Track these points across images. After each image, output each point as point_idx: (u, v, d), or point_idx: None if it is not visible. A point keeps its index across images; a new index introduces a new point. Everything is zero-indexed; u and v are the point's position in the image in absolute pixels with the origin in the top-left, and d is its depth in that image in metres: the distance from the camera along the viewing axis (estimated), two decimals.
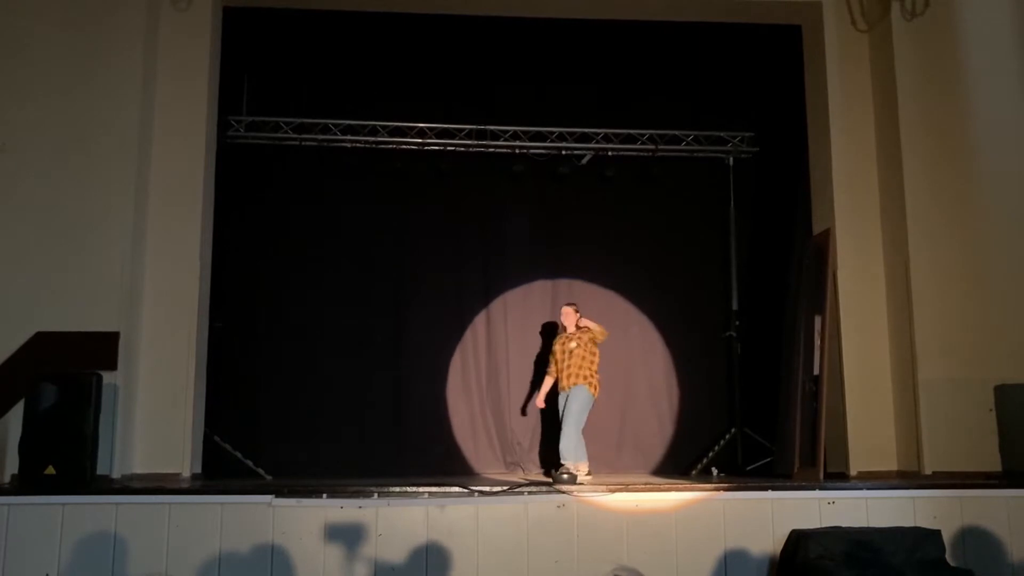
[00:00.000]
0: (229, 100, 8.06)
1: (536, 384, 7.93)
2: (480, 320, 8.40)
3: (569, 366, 7.04)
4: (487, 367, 8.34)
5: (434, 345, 8.28)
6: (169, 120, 7.47)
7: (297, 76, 8.34)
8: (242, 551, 5.41)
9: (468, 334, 8.36)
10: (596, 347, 7.09)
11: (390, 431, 8.02)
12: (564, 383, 7.07)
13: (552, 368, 7.28)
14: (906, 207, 7.48)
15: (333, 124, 8.24)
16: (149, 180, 7.37)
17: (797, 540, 5.55)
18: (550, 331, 8.15)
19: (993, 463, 6.60)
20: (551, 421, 8.03)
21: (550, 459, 7.92)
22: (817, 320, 7.25)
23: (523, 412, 8.20)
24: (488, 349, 8.36)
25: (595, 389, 6.99)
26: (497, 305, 8.42)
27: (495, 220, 8.49)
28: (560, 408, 7.06)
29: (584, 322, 7.16)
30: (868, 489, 5.95)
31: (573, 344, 7.09)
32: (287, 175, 8.28)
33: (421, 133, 8.36)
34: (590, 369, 7.02)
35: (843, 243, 7.70)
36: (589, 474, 6.81)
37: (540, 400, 7.37)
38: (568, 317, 7.24)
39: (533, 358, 8.30)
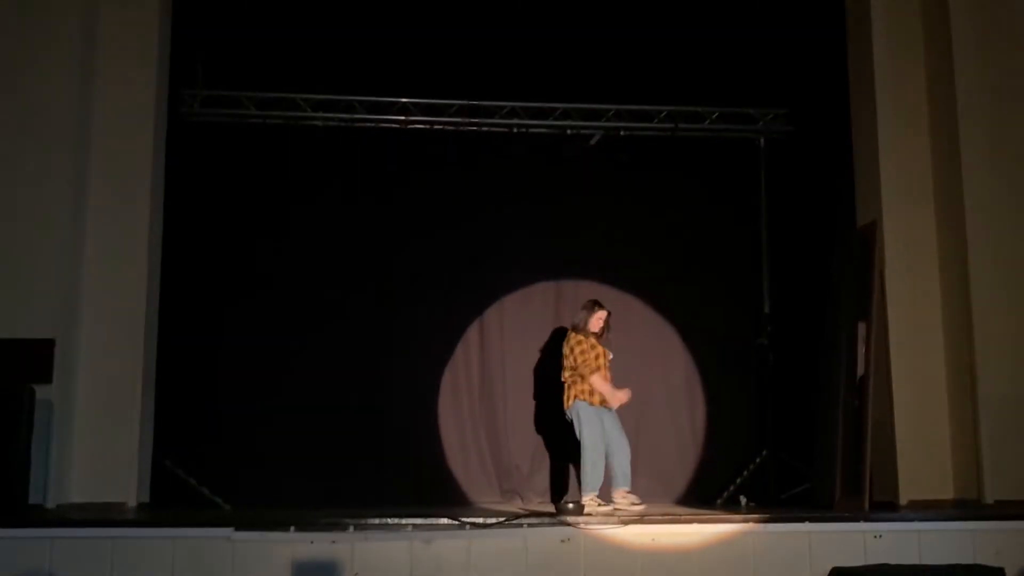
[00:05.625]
0: (182, 70, 8.06)
1: (540, 399, 7.98)
2: (472, 327, 8.41)
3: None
4: (480, 381, 8.35)
5: (419, 355, 8.30)
6: (112, 95, 7.47)
7: (260, 43, 8.32)
8: None
9: (459, 343, 8.37)
10: None
11: (368, 454, 8.01)
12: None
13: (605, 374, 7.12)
14: (964, 194, 7.48)
15: (302, 99, 8.24)
16: (89, 165, 7.38)
17: None
18: (553, 338, 8.15)
19: None
20: (555, 442, 8.05)
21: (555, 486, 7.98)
22: (861, 326, 7.26)
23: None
24: (481, 360, 8.37)
25: None
26: (492, 310, 8.43)
27: (489, 211, 8.49)
28: (607, 429, 6.99)
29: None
30: (920, 521, 5.98)
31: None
32: (250, 159, 8.29)
33: (404, 109, 8.37)
34: None
35: (891, 237, 7.71)
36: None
37: (623, 395, 7.08)
38: (600, 322, 7.22)
39: (533, 371, 8.31)
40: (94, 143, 7.42)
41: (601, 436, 6.94)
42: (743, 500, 7.69)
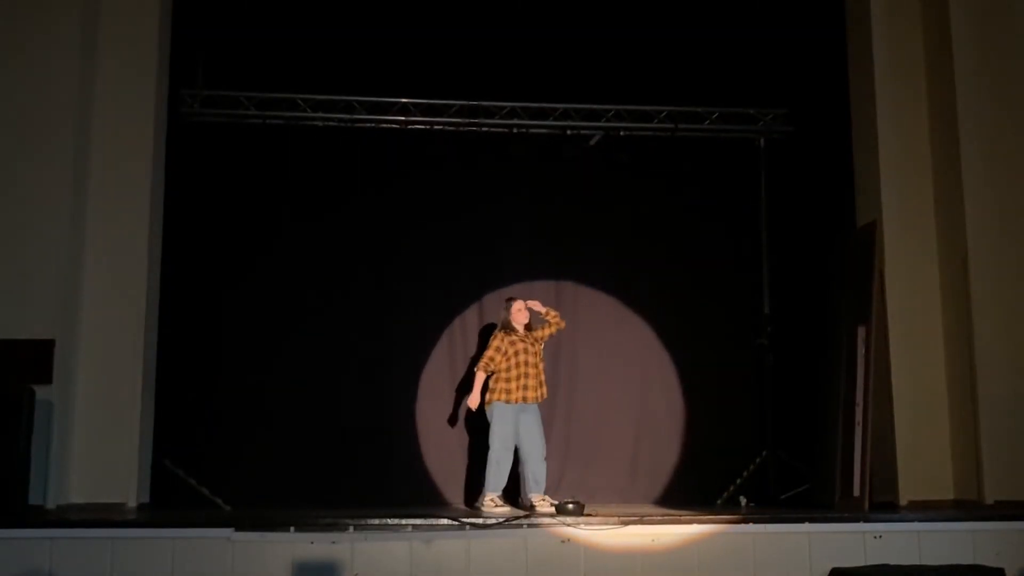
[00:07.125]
0: (182, 70, 8.06)
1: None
2: (472, 328, 8.40)
3: (539, 373, 7.19)
4: None
5: (419, 356, 8.29)
6: (112, 95, 7.49)
7: (260, 43, 8.32)
8: None
9: (459, 343, 8.36)
10: None
11: (368, 454, 8.01)
12: (538, 394, 7.13)
13: (512, 371, 7.16)
14: (964, 194, 7.48)
15: (302, 99, 8.24)
16: (89, 164, 7.38)
17: None
18: (554, 339, 8.16)
19: None
20: (555, 443, 8.04)
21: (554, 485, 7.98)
22: (861, 326, 7.26)
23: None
24: None
25: None
26: (492, 310, 8.41)
27: (489, 211, 8.49)
28: (521, 431, 7.04)
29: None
30: (920, 521, 5.99)
31: (539, 348, 7.29)
32: (250, 159, 8.28)
33: (404, 109, 8.37)
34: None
35: (891, 237, 7.72)
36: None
37: (475, 400, 7.15)
38: (524, 315, 7.34)
39: None
40: (94, 143, 7.43)
41: (512, 436, 6.98)
42: (743, 500, 7.71)
